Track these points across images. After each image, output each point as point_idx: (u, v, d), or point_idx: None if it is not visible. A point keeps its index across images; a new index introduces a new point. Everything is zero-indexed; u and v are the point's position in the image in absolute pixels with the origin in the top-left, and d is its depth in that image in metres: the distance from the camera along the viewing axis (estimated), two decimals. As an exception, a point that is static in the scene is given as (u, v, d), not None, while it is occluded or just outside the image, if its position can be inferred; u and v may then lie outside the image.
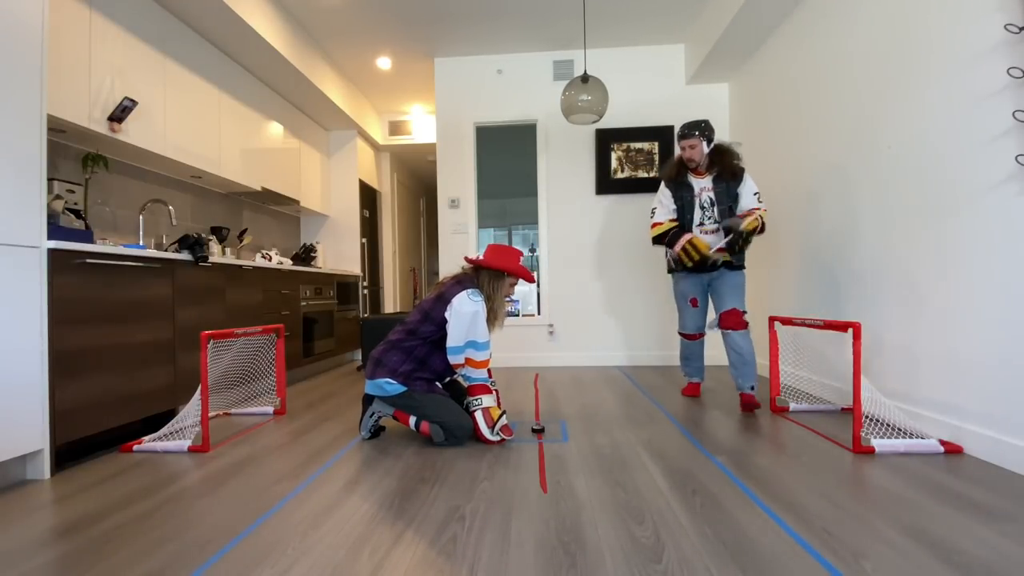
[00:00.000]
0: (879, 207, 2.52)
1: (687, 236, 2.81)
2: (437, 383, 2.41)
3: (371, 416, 2.38)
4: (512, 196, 4.78)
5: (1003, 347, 1.87)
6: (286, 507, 1.63)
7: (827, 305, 3.00)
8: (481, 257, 2.42)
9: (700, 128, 2.85)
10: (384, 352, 2.32)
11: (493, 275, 2.37)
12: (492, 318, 2.38)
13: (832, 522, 1.45)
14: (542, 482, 1.80)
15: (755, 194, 2.83)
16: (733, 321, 2.82)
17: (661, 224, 2.94)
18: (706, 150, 2.86)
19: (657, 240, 2.99)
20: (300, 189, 4.80)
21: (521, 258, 2.42)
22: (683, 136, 2.87)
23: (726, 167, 2.84)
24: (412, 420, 2.30)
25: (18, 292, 1.83)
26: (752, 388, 2.78)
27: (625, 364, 4.50)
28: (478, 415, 2.26)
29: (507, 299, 2.45)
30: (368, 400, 2.40)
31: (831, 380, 2.95)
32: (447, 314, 2.28)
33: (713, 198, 2.86)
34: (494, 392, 2.37)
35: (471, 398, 2.30)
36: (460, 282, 2.36)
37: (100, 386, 2.16)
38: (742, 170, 2.86)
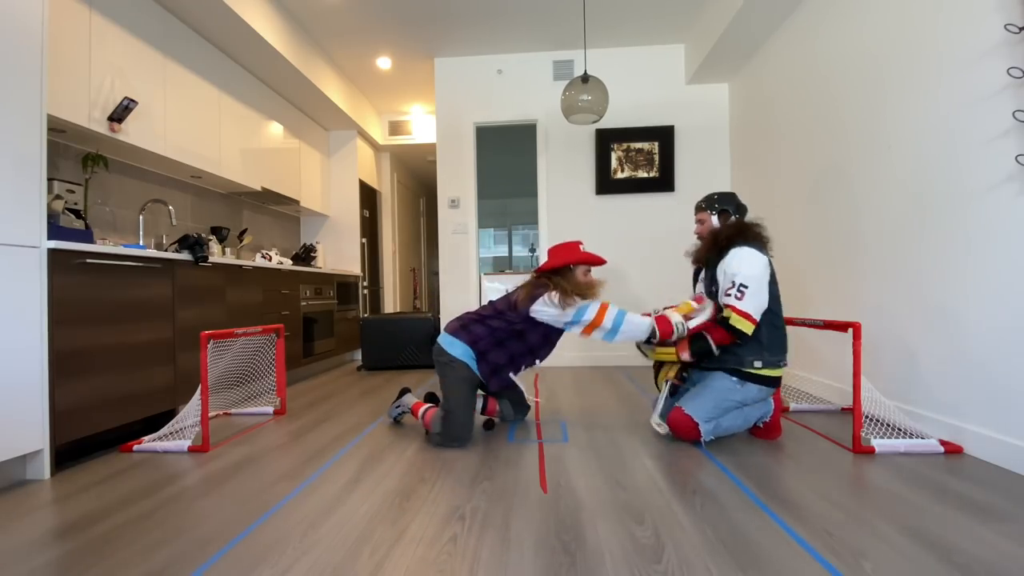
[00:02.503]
0: (879, 207, 2.52)
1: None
2: (505, 375, 2.37)
3: (397, 408, 2.60)
4: (512, 196, 4.78)
5: (1003, 347, 1.87)
6: (286, 507, 1.63)
7: (827, 305, 3.00)
8: (545, 263, 2.39)
9: (710, 201, 2.37)
10: (472, 321, 2.35)
11: (560, 274, 2.32)
12: (583, 295, 2.28)
13: (832, 522, 1.45)
14: (542, 482, 1.80)
15: (733, 280, 2.11)
16: (673, 421, 2.19)
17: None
18: (716, 224, 2.33)
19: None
20: (300, 189, 4.80)
21: (582, 246, 2.36)
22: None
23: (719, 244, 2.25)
24: (420, 412, 2.41)
25: (18, 292, 1.83)
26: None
27: (625, 364, 4.50)
28: (692, 323, 2.15)
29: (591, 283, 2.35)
30: (403, 392, 2.64)
31: (831, 380, 2.95)
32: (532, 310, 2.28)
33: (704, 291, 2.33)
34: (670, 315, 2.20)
35: (677, 318, 2.15)
36: (533, 288, 2.33)
37: (100, 386, 2.16)
38: (736, 244, 2.19)
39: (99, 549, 1.38)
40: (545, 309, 2.26)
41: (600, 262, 2.38)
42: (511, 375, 2.39)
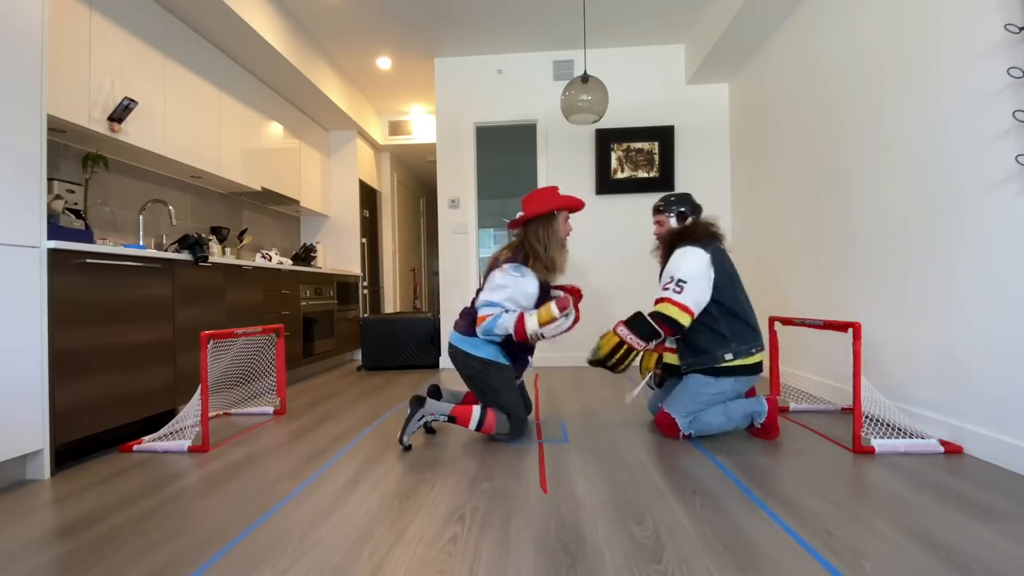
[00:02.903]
0: (879, 207, 2.52)
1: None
2: (522, 367, 2.34)
3: (419, 419, 2.18)
4: (512, 196, 4.78)
5: (1003, 347, 1.87)
6: (286, 507, 1.63)
7: (827, 305, 3.00)
8: (520, 215, 2.30)
9: (667, 203, 2.44)
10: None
11: (542, 222, 2.25)
12: (551, 268, 2.27)
13: (832, 522, 1.45)
14: (542, 482, 1.80)
15: (672, 276, 2.24)
16: (657, 421, 2.34)
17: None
18: (674, 225, 2.41)
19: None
20: (300, 189, 4.80)
21: (558, 190, 2.30)
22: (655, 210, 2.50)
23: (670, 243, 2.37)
24: (475, 419, 2.18)
25: (18, 292, 1.83)
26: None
27: (625, 364, 4.50)
28: (546, 331, 2.14)
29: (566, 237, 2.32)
30: (420, 401, 2.21)
31: (831, 380, 2.95)
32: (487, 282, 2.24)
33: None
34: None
35: (533, 328, 2.13)
36: (513, 249, 2.27)
37: (100, 386, 2.16)
38: (684, 242, 2.31)
39: (99, 549, 1.38)
40: (494, 280, 2.17)
41: (580, 206, 2.33)
42: (529, 357, 2.38)
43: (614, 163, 4.54)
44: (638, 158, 4.53)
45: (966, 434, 2.01)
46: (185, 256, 2.74)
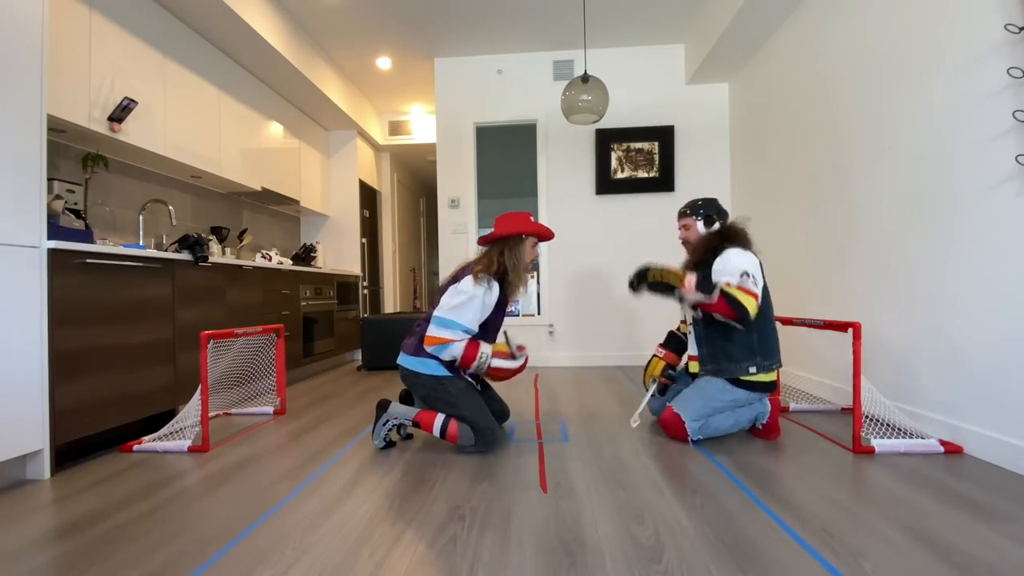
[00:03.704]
0: (879, 207, 2.52)
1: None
2: (475, 381, 2.32)
3: (384, 424, 2.20)
4: (512, 196, 4.77)
5: (1003, 347, 1.87)
6: (286, 507, 1.63)
7: (827, 305, 3.00)
8: (491, 232, 2.29)
9: (695, 207, 2.39)
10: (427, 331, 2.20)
11: (510, 243, 2.25)
12: (515, 287, 2.28)
13: (832, 522, 1.45)
14: (542, 482, 1.80)
15: (737, 269, 2.13)
16: (663, 420, 2.27)
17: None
18: (702, 229, 2.36)
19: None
20: (300, 189, 4.80)
21: (531, 218, 2.31)
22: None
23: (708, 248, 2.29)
24: (437, 425, 2.14)
25: (18, 292, 1.83)
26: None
27: (625, 364, 4.50)
28: (495, 362, 2.19)
29: (532, 263, 2.34)
30: (383, 406, 2.24)
31: (831, 380, 2.95)
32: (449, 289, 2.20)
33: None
34: (479, 343, 2.20)
35: (477, 360, 2.15)
36: (482, 262, 2.26)
37: (100, 386, 2.16)
38: (726, 245, 2.24)
39: (99, 549, 1.38)
40: (460, 286, 2.15)
41: (550, 236, 2.33)
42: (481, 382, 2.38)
43: (614, 163, 4.54)
44: (638, 158, 4.53)
45: (966, 434, 2.01)
46: (185, 256, 2.74)
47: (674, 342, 2.61)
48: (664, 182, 4.50)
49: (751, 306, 2.06)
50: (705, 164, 4.51)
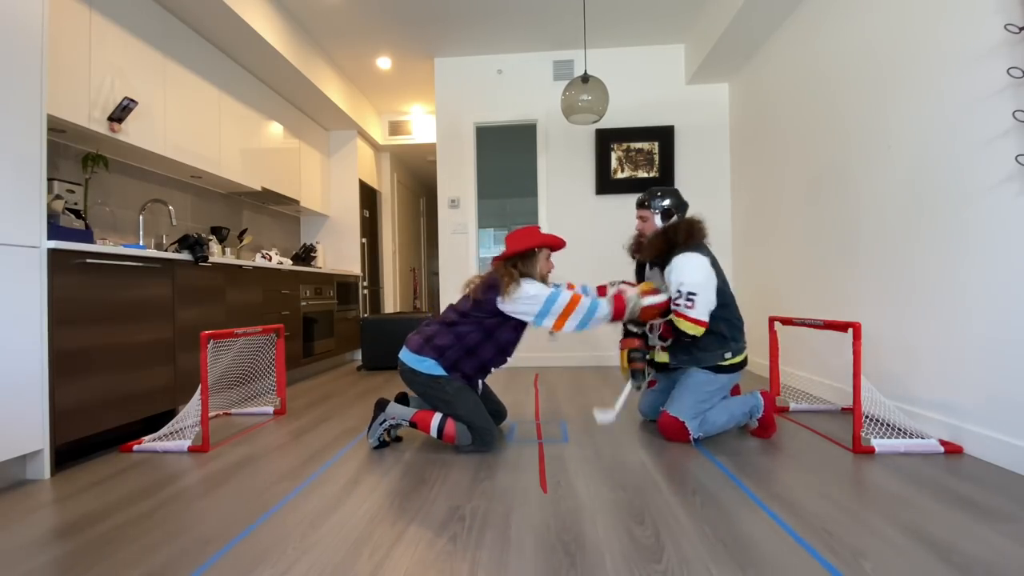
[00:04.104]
0: (879, 207, 2.52)
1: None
2: (477, 380, 2.30)
3: (381, 423, 2.20)
4: (512, 196, 4.78)
5: (1003, 347, 1.87)
6: (286, 507, 1.63)
7: (827, 305, 3.00)
8: (503, 252, 2.29)
9: (652, 196, 2.38)
10: (436, 332, 2.21)
11: (522, 259, 2.25)
12: None
13: (832, 522, 1.45)
14: (542, 482, 1.80)
15: (680, 289, 2.17)
16: (662, 426, 2.27)
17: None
18: (659, 223, 2.36)
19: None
20: (300, 189, 4.80)
21: (540, 230, 2.32)
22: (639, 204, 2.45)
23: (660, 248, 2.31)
24: (435, 424, 2.13)
25: (18, 292, 1.83)
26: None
27: (625, 364, 4.50)
28: (646, 300, 2.19)
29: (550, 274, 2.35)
30: (381, 405, 2.25)
31: (831, 380, 2.95)
32: (502, 303, 2.17)
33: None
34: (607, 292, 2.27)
35: (629, 306, 2.17)
36: (500, 278, 2.24)
37: (100, 386, 2.16)
38: (680, 249, 2.24)
39: (99, 549, 1.38)
40: (514, 302, 2.15)
41: (561, 245, 2.33)
42: (481, 382, 2.36)
43: (614, 163, 4.54)
44: (638, 158, 4.53)
45: (966, 434, 2.01)
46: (185, 256, 2.74)
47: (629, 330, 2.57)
48: (664, 182, 4.49)
49: (691, 330, 2.17)
50: (705, 164, 4.51)
